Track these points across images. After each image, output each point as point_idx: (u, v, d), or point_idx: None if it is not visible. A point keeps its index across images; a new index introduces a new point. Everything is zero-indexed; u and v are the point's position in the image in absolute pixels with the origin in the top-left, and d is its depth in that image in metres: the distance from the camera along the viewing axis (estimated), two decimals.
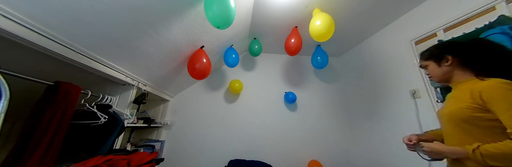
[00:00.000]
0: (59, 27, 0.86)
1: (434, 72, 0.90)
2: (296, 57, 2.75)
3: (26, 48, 0.81)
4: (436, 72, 0.89)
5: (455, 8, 1.37)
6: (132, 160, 1.10)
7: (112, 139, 1.26)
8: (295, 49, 1.98)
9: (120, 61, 1.30)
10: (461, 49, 0.84)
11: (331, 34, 1.61)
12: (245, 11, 1.68)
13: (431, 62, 0.90)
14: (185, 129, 2.30)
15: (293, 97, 2.42)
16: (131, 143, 1.91)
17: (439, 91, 1.31)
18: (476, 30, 1.17)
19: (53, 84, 0.93)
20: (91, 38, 1.02)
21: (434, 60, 0.89)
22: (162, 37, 1.34)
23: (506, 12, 1.11)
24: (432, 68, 0.91)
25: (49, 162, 0.86)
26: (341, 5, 1.67)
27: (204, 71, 1.76)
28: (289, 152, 2.28)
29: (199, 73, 1.75)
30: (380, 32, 2.10)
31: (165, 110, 2.30)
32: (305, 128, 2.43)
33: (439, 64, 0.87)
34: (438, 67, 0.88)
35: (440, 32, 1.46)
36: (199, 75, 1.77)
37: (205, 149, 2.23)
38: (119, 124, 1.29)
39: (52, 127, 0.87)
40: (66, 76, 1.10)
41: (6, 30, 0.70)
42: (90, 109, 1.16)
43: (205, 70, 1.76)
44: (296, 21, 1.91)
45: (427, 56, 0.92)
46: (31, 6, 0.74)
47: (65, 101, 0.94)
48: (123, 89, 1.54)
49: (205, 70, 1.76)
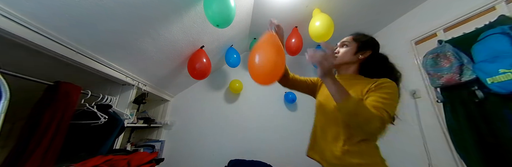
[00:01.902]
0: (59, 27, 0.86)
1: (345, 55, 0.88)
2: (296, 57, 2.74)
3: (27, 48, 0.81)
4: (344, 56, 0.88)
5: (455, 8, 1.37)
6: (132, 160, 1.10)
7: (112, 139, 1.26)
8: (295, 49, 1.98)
9: (120, 61, 1.30)
10: (377, 50, 0.88)
11: (331, 34, 1.61)
12: (245, 11, 1.68)
13: (354, 45, 0.88)
14: (185, 129, 2.30)
15: (293, 97, 2.42)
16: (131, 143, 1.91)
17: (439, 91, 1.31)
18: (476, 30, 1.16)
19: (53, 84, 0.93)
20: (91, 38, 1.02)
21: (357, 45, 0.87)
22: (162, 37, 1.34)
23: (506, 12, 1.11)
24: (347, 50, 0.88)
25: (49, 162, 0.86)
26: (341, 5, 1.67)
27: (204, 71, 1.76)
28: (289, 152, 2.28)
29: (199, 73, 1.75)
30: (380, 32, 2.10)
31: (165, 110, 2.30)
32: (305, 128, 2.41)
33: (356, 52, 0.86)
34: (353, 53, 0.86)
35: (440, 32, 1.46)
36: (199, 75, 1.77)
37: (205, 149, 2.23)
38: (119, 124, 1.29)
39: (52, 127, 0.87)
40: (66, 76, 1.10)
41: (6, 30, 0.70)
42: (90, 109, 1.16)
43: (205, 70, 1.76)
44: (296, 21, 1.91)
45: (361, 40, 0.89)
46: (31, 6, 0.74)
47: (65, 101, 0.94)
48: (123, 89, 1.54)
49: (205, 70, 1.76)
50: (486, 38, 1.05)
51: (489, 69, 1.00)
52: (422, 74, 1.58)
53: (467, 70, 1.12)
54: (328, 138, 0.80)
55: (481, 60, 1.06)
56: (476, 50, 1.09)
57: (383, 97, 0.69)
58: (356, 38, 0.90)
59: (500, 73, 0.95)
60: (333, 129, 0.80)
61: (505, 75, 0.94)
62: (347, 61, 0.88)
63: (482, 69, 1.04)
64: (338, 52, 0.90)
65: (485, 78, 1.02)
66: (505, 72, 0.94)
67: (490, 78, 0.99)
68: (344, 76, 0.89)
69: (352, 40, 0.90)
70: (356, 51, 0.87)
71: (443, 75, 1.22)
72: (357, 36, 0.91)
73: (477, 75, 1.07)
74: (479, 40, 1.08)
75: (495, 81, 0.97)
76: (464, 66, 1.14)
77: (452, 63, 1.18)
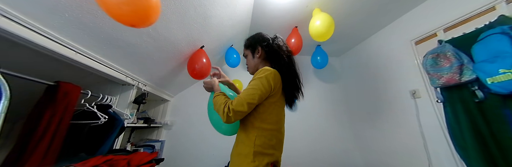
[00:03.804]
0: (59, 27, 0.86)
1: (249, 62, 0.98)
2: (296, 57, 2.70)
3: (26, 48, 0.81)
4: (250, 63, 0.98)
5: (455, 8, 1.37)
6: (132, 160, 1.10)
7: (112, 139, 1.26)
8: (295, 49, 1.98)
9: (120, 61, 1.30)
10: (258, 44, 0.94)
11: (331, 34, 1.61)
12: (245, 11, 1.68)
13: (249, 52, 0.97)
14: (185, 129, 2.30)
15: None
16: (131, 143, 1.91)
17: (439, 91, 1.31)
18: (476, 30, 1.17)
19: (53, 84, 0.93)
20: (91, 38, 1.02)
21: (251, 50, 0.96)
22: (162, 37, 1.34)
23: (506, 12, 1.11)
24: (249, 58, 0.98)
25: (49, 162, 0.86)
26: (341, 5, 1.67)
27: (204, 71, 1.76)
28: (289, 152, 2.27)
29: (199, 73, 1.75)
30: (380, 32, 2.10)
31: (165, 110, 2.29)
32: (304, 128, 2.43)
33: (253, 55, 0.95)
34: (252, 58, 0.96)
35: (440, 32, 1.46)
36: (199, 75, 1.77)
37: (205, 149, 2.23)
38: (119, 124, 1.29)
39: (52, 127, 0.87)
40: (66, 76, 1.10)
41: (6, 30, 0.70)
42: (90, 109, 1.16)
43: (205, 70, 1.76)
44: (296, 21, 1.91)
45: (247, 45, 0.98)
46: (31, 6, 0.74)
47: (65, 101, 0.94)
48: (123, 89, 1.54)
49: (205, 70, 1.76)
50: (486, 38, 1.05)
51: (489, 69, 1.00)
52: (422, 74, 1.58)
53: (467, 70, 1.13)
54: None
55: (481, 60, 1.06)
56: (476, 50, 1.09)
57: (247, 88, 0.79)
58: (245, 45, 1.01)
59: (500, 73, 0.95)
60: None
61: (505, 75, 0.94)
62: (254, 65, 0.98)
63: (482, 69, 1.04)
64: (247, 64, 1.03)
65: (485, 78, 1.02)
66: (505, 72, 0.94)
67: (490, 78, 0.99)
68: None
69: (245, 49, 1.01)
70: (253, 54, 0.97)
71: (443, 75, 1.22)
72: (245, 43, 1.02)
73: (477, 75, 1.07)
74: (479, 40, 1.08)
75: (495, 81, 0.98)
76: (464, 66, 1.14)
77: (452, 63, 1.18)
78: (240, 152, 0.78)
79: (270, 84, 0.79)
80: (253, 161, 0.71)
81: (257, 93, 0.76)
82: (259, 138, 0.77)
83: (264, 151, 0.75)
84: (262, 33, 1.01)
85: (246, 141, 0.78)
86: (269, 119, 0.81)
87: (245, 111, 0.73)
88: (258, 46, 0.95)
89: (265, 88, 0.77)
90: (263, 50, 0.94)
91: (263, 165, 0.71)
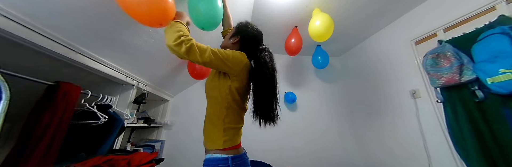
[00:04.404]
0: (59, 27, 0.86)
1: (224, 41, 1.06)
2: (296, 57, 2.74)
3: (26, 48, 0.81)
4: (223, 42, 1.05)
5: (455, 8, 1.37)
6: (132, 160, 1.10)
7: (112, 139, 1.26)
8: (295, 49, 1.98)
9: (120, 61, 1.30)
10: (243, 34, 0.97)
11: (330, 34, 1.61)
12: (245, 11, 1.68)
13: (231, 35, 1.01)
14: (185, 129, 2.30)
15: (293, 97, 2.42)
16: (131, 143, 1.91)
17: (439, 91, 1.31)
18: (476, 30, 1.17)
19: (53, 84, 0.93)
20: (91, 38, 1.02)
21: (232, 33, 1.00)
22: (162, 37, 1.34)
23: (506, 12, 1.11)
24: (225, 37, 1.05)
25: (49, 162, 0.86)
26: (341, 5, 1.67)
27: (204, 71, 1.76)
28: (289, 152, 2.28)
29: (199, 73, 1.75)
30: (380, 32, 2.10)
31: (165, 110, 2.29)
32: (305, 128, 2.43)
33: (229, 38, 1.00)
34: (228, 39, 1.01)
35: (440, 32, 1.46)
36: (199, 75, 1.77)
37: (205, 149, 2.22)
38: (119, 124, 1.29)
39: (52, 127, 0.87)
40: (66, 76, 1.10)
41: (6, 30, 0.70)
42: (90, 109, 1.16)
43: (205, 70, 1.76)
44: (296, 21, 1.91)
45: (236, 31, 1.01)
46: (31, 6, 0.74)
47: (65, 101, 0.94)
48: (123, 89, 1.54)
49: (205, 70, 1.76)
50: (486, 38, 1.05)
51: (489, 69, 1.00)
52: (422, 74, 1.58)
53: (467, 70, 1.13)
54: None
55: (481, 60, 1.06)
56: (476, 50, 1.09)
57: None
58: (235, 30, 1.02)
59: (500, 73, 0.95)
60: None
61: (505, 75, 0.94)
62: (223, 45, 1.04)
63: (482, 69, 1.04)
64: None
65: (485, 78, 1.02)
66: (505, 72, 0.94)
67: (490, 78, 0.99)
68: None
69: (232, 30, 1.05)
70: (229, 37, 1.01)
71: (443, 75, 1.22)
72: (236, 27, 1.04)
73: (477, 75, 1.07)
74: (479, 40, 1.08)
75: (495, 81, 0.98)
76: (464, 66, 1.14)
77: (452, 63, 1.18)
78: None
79: (230, 59, 0.81)
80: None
81: (217, 51, 0.79)
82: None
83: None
84: (259, 35, 1.01)
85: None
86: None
87: (198, 53, 0.74)
88: (237, 34, 0.98)
89: (225, 56, 0.80)
90: (239, 38, 0.97)
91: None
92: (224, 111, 0.83)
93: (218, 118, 0.83)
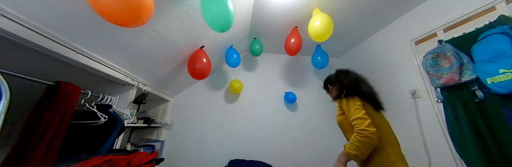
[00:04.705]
0: (59, 27, 0.86)
1: (331, 95, 1.31)
2: (296, 57, 2.74)
3: (26, 48, 0.81)
4: (332, 94, 1.29)
5: (455, 8, 1.37)
6: (132, 160, 1.10)
7: (112, 139, 1.26)
8: (295, 49, 1.98)
9: (120, 61, 1.30)
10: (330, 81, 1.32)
11: (330, 34, 1.61)
12: (245, 11, 1.68)
13: (332, 88, 1.31)
14: (185, 129, 2.30)
15: (293, 97, 2.42)
16: (131, 143, 1.91)
17: (439, 91, 1.31)
18: (476, 30, 1.16)
19: (53, 84, 0.93)
20: (91, 38, 1.02)
21: (331, 86, 1.32)
22: (162, 37, 1.34)
23: (506, 12, 1.11)
24: (333, 91, 1.29)
25: (49, 162, 0.86)
26: (341, 5, 1.67)
27: (204, 71, 1.76)
28: (289, 152, 2.28)
29: (199, 73, 1.75)
30: (380, 32, 2.10)
31: (165, 110, 2.30)
32: (305, 128, 2.43)
33: (331, 91, 1.30)
34: (332, 94, 1.29)
35: (440, 32, 1.46)
36: (199, 75, 1.77)
37: (205, 149, 2.23)
38: (119, 124, 1.29)
39: (52, 127, 0.87)
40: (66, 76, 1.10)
41: (6, 30, 0.70)
42: (90, 109, 1.16)
43: (205, 70, 1.76)
44: (296, 21, 1.91)
45: (325, 85, 1.38)
46: (31, 6, 0.74)
47: (65, 101, 0.94)
48: (123, 89, 1.54)
49: (205, 70, 1.76)
50: (486, 38, 1.05)
51: (489, 69, 1.00)
52: (422, 74, 1.58)
53: (467, 70, 1.13)
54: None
55: (481, 60, 1.06)
56: (476, 50, 1.09)
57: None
58: (324, 86, 1.38)
59: (500, 73, 0.95)
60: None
61: (505, 75, 0.94)
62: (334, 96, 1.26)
63: (482, 69, 1.04)
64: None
65: (485, 78, 1.02)
66: (505, 72, 0.94)
67: (490, 78, 0.99)
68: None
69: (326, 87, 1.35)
70: (331, 91, 1.31)
71: (443, 75, 1.22)
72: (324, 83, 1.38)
73: (477, 75, 1.07)
74: (479, 40, 1.08)
75: (495, 81, 0.98)
76: (464, 66, 1.14)
77: (452, 63, 1.18)
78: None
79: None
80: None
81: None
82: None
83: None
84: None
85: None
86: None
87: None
88: (331, 85, 1.34)
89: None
90: (338, 87, 1.28)
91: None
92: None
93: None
